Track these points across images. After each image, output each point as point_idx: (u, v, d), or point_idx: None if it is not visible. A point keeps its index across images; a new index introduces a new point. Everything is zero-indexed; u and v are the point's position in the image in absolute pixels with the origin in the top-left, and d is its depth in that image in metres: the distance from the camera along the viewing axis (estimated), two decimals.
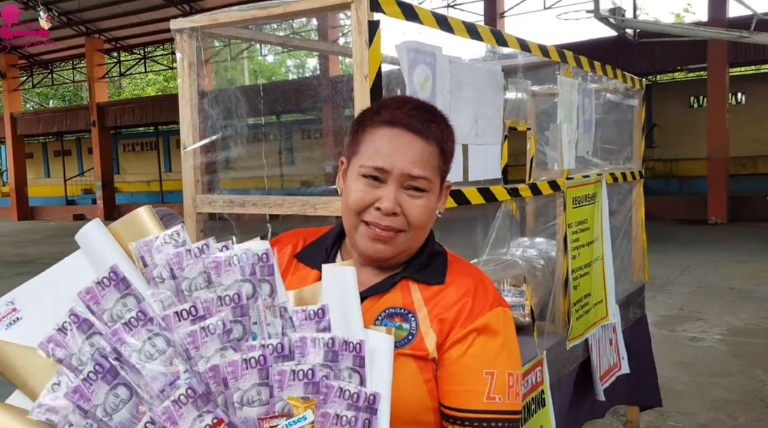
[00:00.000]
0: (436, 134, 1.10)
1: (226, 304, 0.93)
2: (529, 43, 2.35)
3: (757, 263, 9.05)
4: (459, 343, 1.06)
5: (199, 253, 0.96)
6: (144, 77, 31.77)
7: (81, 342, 0.92)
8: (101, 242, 0.99)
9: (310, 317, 0.96)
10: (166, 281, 0.96)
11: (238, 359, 0.89)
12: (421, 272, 1.13)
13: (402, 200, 1.07)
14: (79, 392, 0.88)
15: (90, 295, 0.93)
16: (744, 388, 4.48)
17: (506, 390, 1.05)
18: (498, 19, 16.62)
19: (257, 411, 0.89)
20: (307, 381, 0.90)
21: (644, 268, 3.83)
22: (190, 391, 0.87)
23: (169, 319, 0.92)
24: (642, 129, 3.76)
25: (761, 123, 16.64)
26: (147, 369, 0.89)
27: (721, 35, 8.67)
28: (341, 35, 17.89)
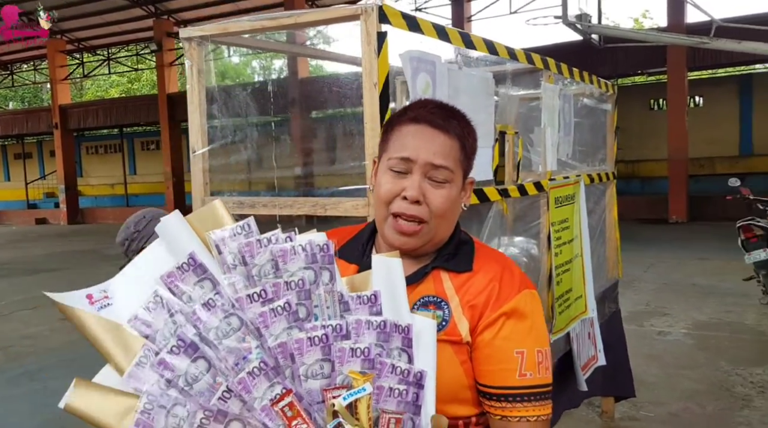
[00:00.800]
0: (457, 129, 1.20)
1: (291, 288, 1.03)
2: (516, 51, 2.48)
3: (717, 260, 9.40)
4: (490, 327, 1.16)
5: (267, 243, 1.06)
6: (107, 79, 31.25)
7: (164, 319, 1.02)
8: (180, 232, 1.09)
9: (363, 302, 1.06)
10: (238, 268, 1.06)
11: (303, 337, 0.99)
12: (450, 262, 1.22)
13: (425, 190, 1.17)
14: (163, 364, 0.98)
15: (171, 278, 1.04)
16: (710, 379, 4.70)
17: (536, 366, 1.15)
18: (465, 23, 16.89)
19: (320, 383, 0.99)
20: (364, 358, 1.00)
21: (618, 265, 4.01)
22: (263, 364, 0.97)
23: (241, 301, 1.02)
24: (615, 132, 3.94)
25: (718, 125, 17.23)
26: (223, 344, 0.99)
27: (682, 41, 9.00)
28: (308, 38, 17.94)
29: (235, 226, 1.08)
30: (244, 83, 4.38)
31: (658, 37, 9.67)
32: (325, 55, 2.40)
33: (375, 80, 1.73)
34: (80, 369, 1.03)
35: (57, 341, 6.62)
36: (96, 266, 11.79)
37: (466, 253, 1.24)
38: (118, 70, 26.43)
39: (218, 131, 2.10)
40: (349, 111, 2.28)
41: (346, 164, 2.04)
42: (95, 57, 24.11)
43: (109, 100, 26.98)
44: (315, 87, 11.10)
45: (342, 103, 2.26)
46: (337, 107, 2.79)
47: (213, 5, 19.87)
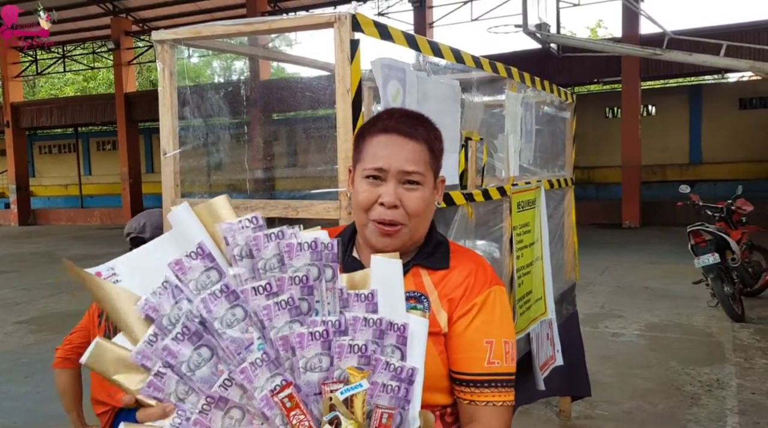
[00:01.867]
0: (424, 135, 1.29)
1: (295, 283, 1.07)
2: (482, 60, 2.57)
3: (668, 264, 9.72)
4: (463, 317, 1.26)
5: (274, 238, 1.10)
6: (62, 77, 30.46)
7: (171, 305, 1.05)
8: (190, 223, 1.13)
9: (361, 300, 1.11)
10: (245, 260, 1.09)
11: (304, 331, 1.03)
12: (428, 260, 1.32)
13: (401, 194, 1.25)
14: (167, 349, 1.02)
15: (179, 266, 1.07)
16: (662, 378, 4.88)
17: (503, 356, 1.25)
18: (427, 29, 17.06)
19: (318, 376, 1.04)
20: (361, 355, 1.05)
21: (575, 268, 4.14)
22: (265, 355, 1.01)
23: (246, 293, 1.06)
24: (573, 140, 4.08)
25: (669, 134, 17.83)
26: (227, 334, 1.03)
27: (636, 52, 9.30)
28: (271, 40, 17.84)
29: (243, 219, 1.11)
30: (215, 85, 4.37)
31: (613, 47, 9.97)
32: (298, 60, 2.44)
33: (348, 86, 1.78)
34: (37, 373, 1.05)
35: (11, 344, 6.45)
36: (48, 268, 11.50)
37: (442, 252, 1.34)
38: (74, 68, 25.80)
39: (189, 132, 2.12)
40: (321, 113, 2.32)
41: (318, 167, 2.07)
42: (49, 55, 23.49)
43: (64, 98, 26.32)
44: (285, 90, 11.07)
45: (312, 106, 2.29)
46: (309, 109, 2.82)
47: (173, 4, 19.60)
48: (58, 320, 7.35)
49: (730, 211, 7.12)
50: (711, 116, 17.58)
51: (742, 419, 4.09)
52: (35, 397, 4.75)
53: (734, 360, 5.25)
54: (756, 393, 4.53)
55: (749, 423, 4.03)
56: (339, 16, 1.76)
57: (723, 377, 4.86)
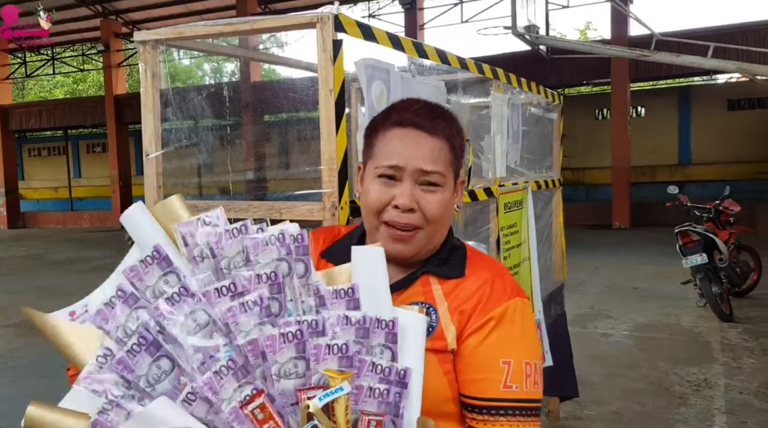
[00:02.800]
0: (445, 130, 1.14)
1: (263, 281, 0.97)
2: (467, 61, 2.57)
3: (657, 265, 9.76)
4: (477, 332, 1.09)
5: (238, 233, 1.00)
6: (51, 79, 30.29)
7: (126, 315, 0.96)
8: (144, 224, 1.04)
9: (340, 296, 1.00)
10: (206, 260, 1.00)
11: (275, 333, 0.93)
12: (441, 267, 1.17)
13: (418, 196, 1.11)
14: (123, 363, 0.92)
15: (134, 273, 0.97)
16: (650, 378, 4.89)
17: (523, 379, 1.07)
18: (418, 31, 17.09)
19: (294, 383, 0.93)
20: (342, 356, 0.94)
21: (563, 268, 4.15)
22: (231, 363, 0.91)
23: (209, 295, 0.96)
24: (560, 141, 4.09)
25: (659, 135, 17.93)
26: (188, 342, 0.93)
27: (625, 54, 9.35)
28: (261, 42, 17.81)
29: (202, 216, 1.01)
30: (198, 86, 4.37)
31: (602, 49, 10.02)
32: (281, 61, 2.43)
33: (331, 87, 1.77)
34: (24, 377, 1.00)
35: None
36: (38, 272, 11.41)
37: (458, 258, 1.19)
38: (63, 70, 25.66)
39: (172, 134, 2.11)
40: (304, 115, 2.31)
41: (302, 169, 2.07)
42: (39, 56, 23.36)
43: (53, 101, 26.17)
44: (269, 91, 11.06)
45: (297, 108, 2.28)
46: (292, 111, 2.81)
47: (163, 6, 19.55)
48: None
49: (718, 211, 7.16)
50: (700, 117, 17.70)
51: (729, 418, 4.11)
52: (22, 401, 4.70)
53: (722, 360, 5.28)
54: (744, 392, 4.55)
55: (737, 422, 4.05)
56: (321, 17, 1.76)
57: (711, 377, 4.88)
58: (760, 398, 4.43)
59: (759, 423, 4.03)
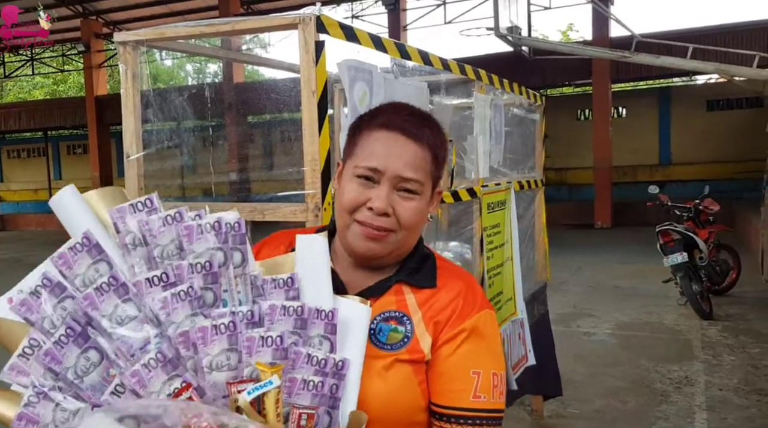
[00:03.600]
0: (430, 139, 1.13)
1: (197, 271, 0.94)
2: (449, 62, 2.58)
3: (638, 264, 9.85)
4: (449, 342, 1.10)
5: (172, 220, 0.95)
6: (31, 80, 29.90)
7: (53, 305, 0.92)
8: (75, 209, 0.99)
9: (279, 286, 0.98)
10: (138, 248, 0.95)
11: (207, 325, 0.90)
12: (413, 276, 1.16)
13: (394, 202, 1.10)
14: (50, 354, 0.88)
15: (63, 260, 0.93)
16: (632, 376, 4.94)
17: (491, 390, 1.09)
18: (401, 32, 17.11)
19: (226, 375, 0.91)
20: (276, 347, 0.92)
21: (546, 268, 4.18)
22: (160, 355, 0.88)
23: (140, 285, 0.92)
24: (543, 141, 4.12)
25: (639, 135, 18.10)
26: (118, 333, 0.90)
27: (606, 55, 9.44)
28: (244, 42, 17.74)
29: (135, 201, 0.96)
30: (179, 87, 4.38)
31: (584, 50, 10.11)
32: (262, 62, 2.42)
33: (313, 88, 1.77)
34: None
35: None
36: (16, 275, 11.19)
37: (428, 268, 1.18)
38: (43, 71, 25.35)
39: (154, 135, 2.09)
40: (287, 116, 2.30)
41: (285, 170, 2.06)
42: (17, 57, 23.05)
43: (33, 102, 25.84)
44: (252, 92, 11.02)
45: (280, 109, 2.28)
46: (275, 112, 2.80)
47: (145, 6, 19.38)
48: None
49: (698, 211, 7.25)
50: (679, 117, 17.90)
51: (710, 415, 4.16)
52: None
53: (702, 358, 5.35)
54: (723, 389, 4.61)
55: (717, 419, 4.10)
56: (303, 18, 1.76)
57: (692, 374, 4.94)
58: (740, 394, 4.50)
59: (739, 419, 4.09)
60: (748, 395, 4.48)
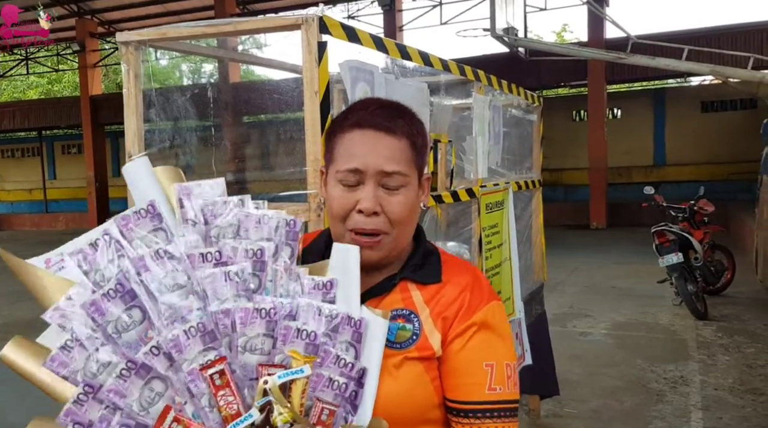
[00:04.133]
0: (404, 128, 1.11)
1: (249, 257, 0.98)
2: (449, 63, 2.59)
3: (633, 264, 9.90)
4: (459, 337, 1.10)
5: (234, 206, 1.01)
6: (25, 79, 29.78)
7: (108, 260, 0.96)
8: (145, 179, 1.04)
9: (318, 288, 1.01)
10: (198, 226, 1.00)
11: (250, 307, 0.94)
12: (417, 273, 1.15)
13: (381, 199, 1.09)
14: (95, 305, 0.92)
15: (125, 222, 0.98)
16: (628, 376, 4.97)
17: (505, 381, 1.09)
18: (397, 32, 17.13)
19: (257, 358, 0.94)
20: (309, 342, 0.95)
21: (543, 268, 4.20)
22: (201, 326, 0.92)
23: (193, 258, 0.96)
24: (540, 142, 4.14)
25: (634, 137, 18.16)
26: (164, 298, 0.94)
27: (601, 56, 9.47)
28: (240, 42, 17.68)
29: (204, 183, 1.01)
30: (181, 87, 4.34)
31: (579, 51, 10.14)
32: (265, 62, 2.44)
33: (316, 89, 1.78)
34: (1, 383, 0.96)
35: None
36: (10, 275, 11.17)
37: (433, 264, 1.17)
38: (37, 70, 25.26)
39: (156, 135, 2.10)
40: (288, 116, 2.31)
41: (287, 170, 2.07)
42: (12, 56, 22.96)
43: (27, 101, 25.74)
44: (254, 92, 10.99)
45: (281, 109, 2.29)
46: (277, 112, 2.80)
47: (140, 6, 19.34)
48: (22, 328, 7.18)
49: (693, 211, 7.29)
50: (674, 118, 17.97)
51: (705, 414, 4.19)
52: (0, 407, 4.64)
53: (698, 357, 5.38)
54: (719, 389, 4.64)
55: (712, 418, 4.13)
56: (306, 18, 1.77)
57: (687, 374, 4.97)
58: (735, 394, 4.53)
59: (733, 418, 4.12)
60: (743, 394, 4.51)
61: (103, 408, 0.89)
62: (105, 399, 0.89)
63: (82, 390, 0.89)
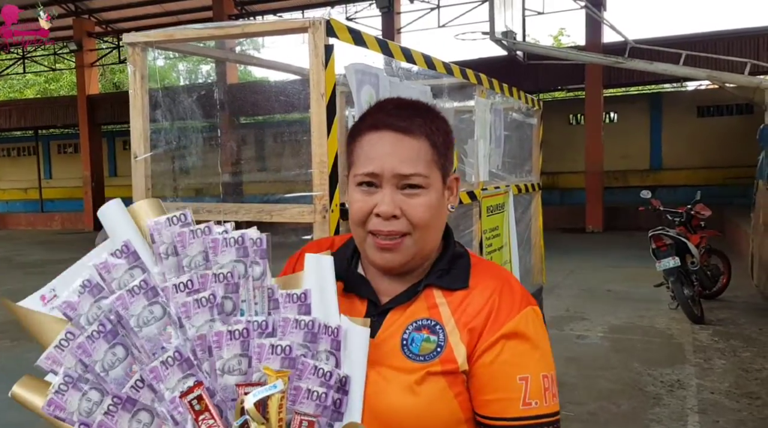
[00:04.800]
0: (423, 128, 1.06)
1: (219, 281, 1.01)
2: (452, 66, 2.61)
3: (630, 267, 9.93)
4: (489, 350, 1.03)
5: (201, 234, 1.04)
6: (22, 78, 29.71)
7: (90, 304, 1.01)
8: (119, 219, 1.08)
9: (293, 301, 1.03)
10: (170, 258, 1.04)
11: (223, 330, 0.97)
12: (443, 278, 1.10)
13: (400, 202, 1.05)
14: (82, 347, 0.97)
15: (103, 265, 1.02)
16: (624, 379, 4.99)
17: (542, 394, 1.02)
18: (395, 35, 17.15)
19: (236, 379, 0.97)
20: (285, 356, 0.97)
21: (542, 271, 4.22)
22: (177, 354, 0.96)
23: (167, 290, 1.00)
24: (540, 145, 4.16)
25: (631, 141, 18.22)
26: (143, 332, 0.98)
27: (599, 60, 9.52)
28: (237, 43, 17.68)
29: (171, 216, 1.05)
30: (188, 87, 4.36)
31: (577, 55, 10.18)
32: (270, 64, 2.45)
33: (322, 91, 1.79)
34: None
35: None
36: (6, 275, 11.18)
37: (461, 268, 1.11)
38: (34, 69, 25.20)
39: (162, 135, 2.11)
40: (293, 117, 2.32)
41: (292, 172, 2.08)
42: (9, 55, 22.89)
43: (24, 100, 25.69)
44: (257, 94, 11.01)
45: (286, 110, 2.30)
46: (280, 113, 2.81)
47: (138, 6, 19.31)
48: (17, 327, 7.15)
49: (690, 216, 7.32)
50: (670, 123, 18.03)
51: (702, 418, 4.21)
52: None
53: (694, 361, 5.40)
54: (715, 392, 4.66)
55: (709, 421, 4.15)
56: (313, 22, 1.78)
57: (683, 377, 4.99)
58: (731, 398, 4.55)
59: (730, 422, 4.14)
60: (739, 398, 4.53)
61: None
62: None
63: None
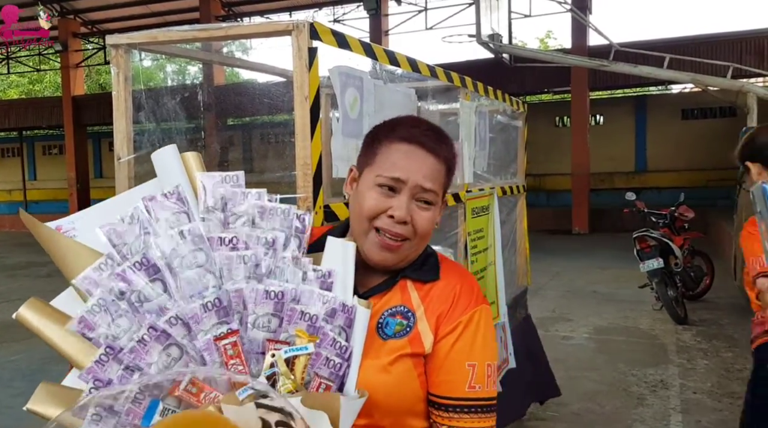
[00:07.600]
0: (446, 153, 1.23)
1: (262, 244, 1.09)
2: (437, 69, 2.62)
3: (615, 269, 10.00)
4: (447, 336, 1.19)
5: (252, 198, 1.13)
6: (6, 79, 29.41)
7: (135, 236, 1.07)
8: (173, 164, 1.15)
9: (318, 276, 1.12)
10: (217, 212, 1.11)
11: (261, 288, 1.05)
12: (416, 271, 1.24)
13: (412, 211, 1.18)
14: (121, 276, 1.03)
15: (153, 201, 1.09)
16: (609, 380, 5.03)
17: (485, 380, 1.19)
18: (383, 37, 17.18)
19: (264, 335, 1.05)
20: (310, 324, 1.06)
21: (527, 273, 4.25)
22: (217, 301, 1.03)
23: (212, 240, 1.07)
24: (525, 148, 4.19)
25: (616, 143, 18.38)
26: (185, 274, 1.04)
27: (584, 63, 9.58)
28: (224, 45, 17.60)
29: (225, 174, 1.13)
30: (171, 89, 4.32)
31: (563, 58, 10.25)
32: (255, 66, 2.45)
33: (306, 94, 1.80)
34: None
35: None
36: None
37: (432, 264, 1.26)
38: (19, 69, 24.96)
39: (144, 137, 2.10)
40: (277, 119, 2.32)
41: (276, 173, 2.09)
42: None
43: (8, 101, 25.42)
44: (241, 95, 10.97)
45: (270, 112, 2.30)
46: (265, 115, 2.81)
47: (124, 6, 19.19)
48: (1, 329, 7.09)
49: (673, 217, 7.39)
50: (655, 125, 18.21)
51: (684, 417, 4.25)
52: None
53: (677, 361, 5.46)
54: (698, 392, 4.71)
55: (691, 421, 4.20)
56: (297, 24, 1.78)
57: (667, 377, 5.04)
58: (713, 397, 4.60)
59: (712, 421, 4.18)
60: (721, 398, 4.59)
61: (122, 369, 0.99)
62: (125, 360, 0.99)
63: (104, 351, 0.99)
